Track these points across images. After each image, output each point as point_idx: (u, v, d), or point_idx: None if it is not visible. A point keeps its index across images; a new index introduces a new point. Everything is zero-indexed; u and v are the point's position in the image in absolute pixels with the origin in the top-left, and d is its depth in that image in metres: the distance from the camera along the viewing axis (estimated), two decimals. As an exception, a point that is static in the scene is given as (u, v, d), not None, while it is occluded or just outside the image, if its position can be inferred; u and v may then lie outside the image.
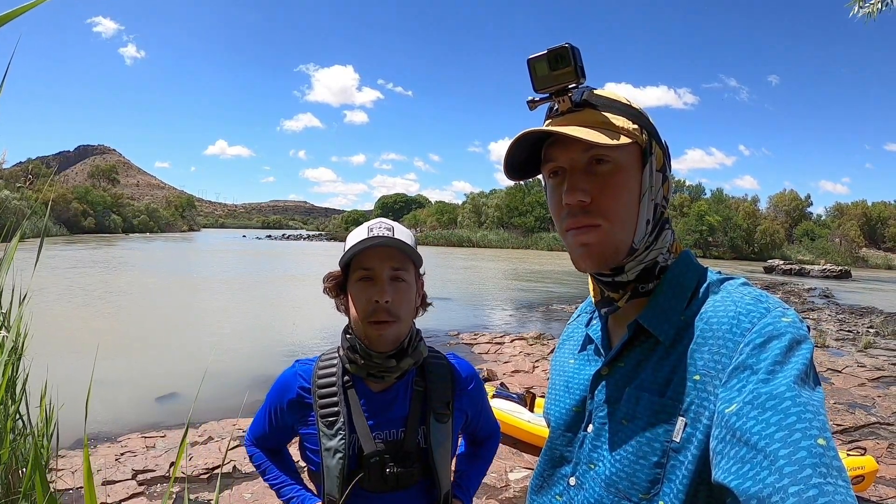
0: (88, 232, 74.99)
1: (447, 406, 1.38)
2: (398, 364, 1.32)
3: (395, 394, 1.36)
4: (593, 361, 0.95)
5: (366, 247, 1.26)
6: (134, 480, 4.52)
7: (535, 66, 0.83)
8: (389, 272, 1.29)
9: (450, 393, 1.40)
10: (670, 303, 0.85)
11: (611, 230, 0.83)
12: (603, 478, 0.84)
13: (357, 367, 1.33)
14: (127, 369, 7.98)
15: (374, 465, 1.28)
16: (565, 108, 0.85)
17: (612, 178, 0.82)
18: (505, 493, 4.46)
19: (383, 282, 1.28)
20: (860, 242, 66.03)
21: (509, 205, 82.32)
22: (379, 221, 1.33)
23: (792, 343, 0.70)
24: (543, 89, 0.84)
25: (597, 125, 0.83)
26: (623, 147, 0.82)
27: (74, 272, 21.30)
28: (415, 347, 1.36)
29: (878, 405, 7.16)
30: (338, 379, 1.35)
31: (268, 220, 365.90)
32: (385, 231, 1.29)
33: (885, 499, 4.49)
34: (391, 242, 1.27)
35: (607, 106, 0.84)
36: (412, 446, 1.32)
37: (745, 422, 0.65)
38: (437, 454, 1.33)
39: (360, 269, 1.30)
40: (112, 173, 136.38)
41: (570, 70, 0.81)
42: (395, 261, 1.30)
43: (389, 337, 1.29)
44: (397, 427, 1.33)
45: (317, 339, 10.71)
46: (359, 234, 1.31)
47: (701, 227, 64.68)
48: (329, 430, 1.31)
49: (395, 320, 1.29)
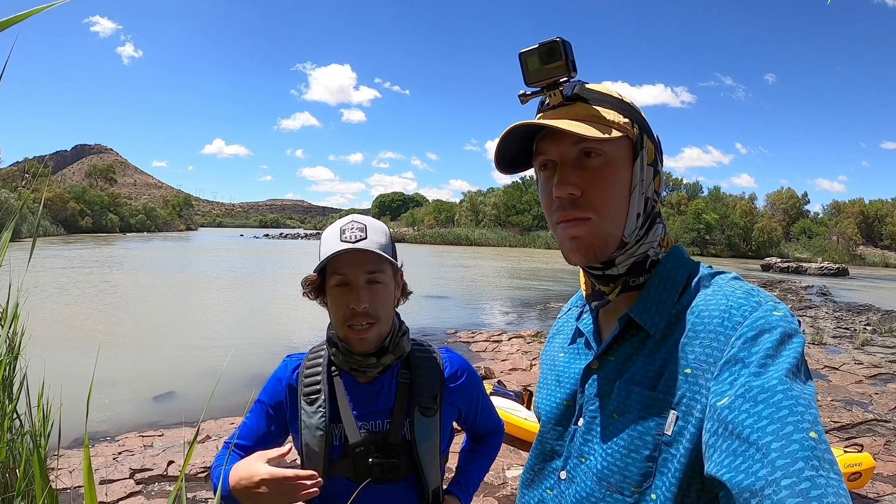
0: (86, 231, 74.84)
1: (434, 400, 1.37)
2: (378, 360, 1.32)
3: (381, 385, 1.35)
4: (583, 355, 0.95)
5: (339, 253, 1.25)
6: (132, 479, 4.51)
7: (526, 60, 0.84)
8: (365, 276, 1.28)
9: (438, 386, 1.39)
10: (661, 296, 0.85)
11: (600, 223, 0.83)
12: (594, 471, 0.84)
13: (340, 363, 1.34)
14: (124, 368, 7.97)
15: (359, 455, 1.28)
16: (556, 101, 0.85)
17: (603, 172, 0.83)
18: (502, 490, 4.47)
19: (359, 288, 1.27)
20: (857, 240, 65.99)
21: (507, 203, 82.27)
22: (351, 221, 1.31)
23: (783, 337, 0.71)
24: (535, 83, 0.85)
25: (588, 119, 0.83)
26: (614, 141, 0.82)
27: (72, 271, 21.26)
28: (396, 343, 1.36)
29: (875, 402, 7.17)
30: (323, 369, 1.36)
31: (265, 219, 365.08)
32: (358, 233, 1.28)
33: (883, 495, 4.50)
34: (364, 247, 1.26)
35: (599, 100, 0.85)
36: (397, 438, 1.31)
37: (737, 415, 0.65)
38: (421, 448, 1.32)
39: (335, 273, 1.29)
40: (109, 173, 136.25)
41: (561, 64, 0.81)
42: (370, 264, 1.28)
43: (371, 339, 1.29)
44: (383, 419, 1.33)
45: (314, 337, 10.69)
46: (331, 236, 1.30)
47: (698, 225, 64.63)
48: (310, 406, 1.31)
49: (374, 322, 1.29)
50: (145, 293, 16.83)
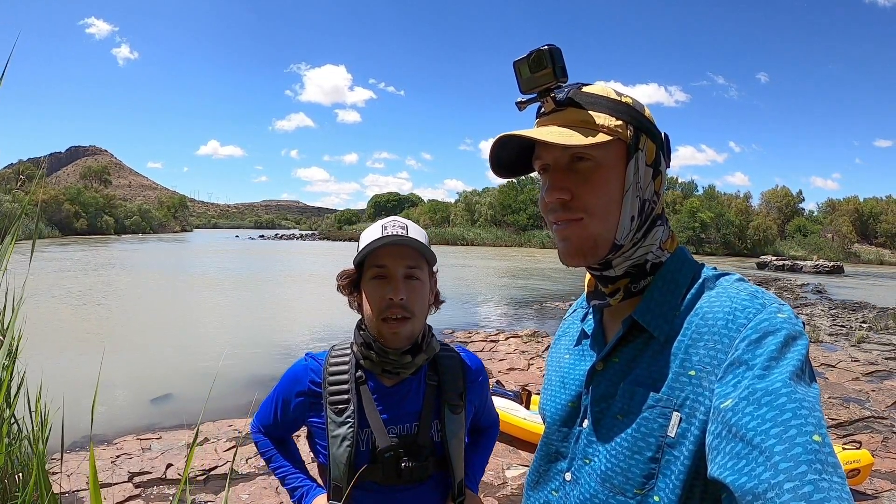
0: (81, 233, 74.45)
1: (460, 398, 1.40)
2: (413, 360, 1.33)
3: (408, 388, 1.37)
4: (588, 357, 0.95)
5: (380, 245, 1.27)
6: (130, 483, 4.49)
7: (519, 68, 0.85)
8: (404, 270, 1.30)
9: (462, 385, 1.42)
10: (665, 298, 0.85)
11: (591, 225, 0.84)
12: (598, 473, 0.84)
13: (371, 364, 1.34)
14: (120, 370, 7.93)
15: (389, 460, 1.29)
16: (550, 108, 0.86)
17: (593, 175, 0.83)
18: (502, 490, 4.47)
19: (397, 280, 1.29)
20: (852, 238, 66.25)
21: (502, 203, 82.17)
22: (393, 220, 1.34)
23: (787, 339, 0.71)
24: (528, 91, 0.86)
25: (576, 124, 0.83)
26: (603, 144, 0.82)
27: (68, 274, 21.17)
28: (428, 343, 1.38)
29: (872, 399, 7.20)
30: (350, 374, 1.35)
31: (261, 219, 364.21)
32: (399, 230, 1.31)
33: (881, 491, 4.52)
34: (405, 241, 1.29)
35: (592, 103, 0.85)
36: (426, 440, 1.33)
37: (740, 417, 0.65)
38: (451, 445, 1.35)
39: (374, 266, 1.31)
40: (104, 174, 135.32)
41: (548, 72, 0.82)
42: (410, 259, 1.31)
43: (404, 334, 1.31)
44: (411, 421, 1.34)
45: (312, 338, 10.69)
46: (373, 232, 1.32)
47: (693, 223, 64.75)
48: (338, 417, 1.31)
49: (409, 317, 1.30)
50: (141, 295, 16.75)
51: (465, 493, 1.42)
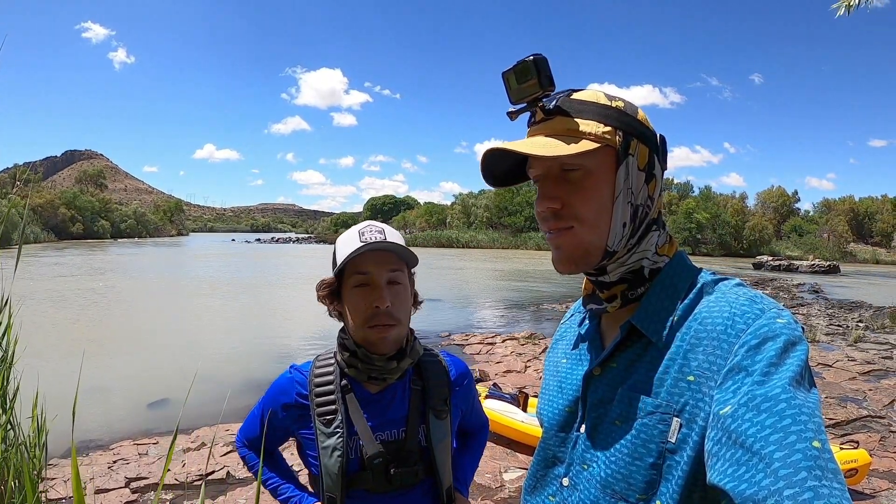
0: (77, 237, 74.27)
1: (445, 403, 1.39)
2: (398, 365, 1.32)
3: (393, 394, 1.36)
4: (586, 361, 0.95)
5: (361, 251, 1.26)
6: (127, 488, 4.47)
7: (507, 79, 0.86)
8: (387, 276, 1.29)
9: (447, 390, 1.41)
10: (663, 303, 0.85)
11: (582, 232, 0.84)
12: (598, 479, 0.84)
13: (357, 371, 1.32)
14: (117, 375, 7.92)
15: (378, 467, 1.29)
16: (539, 117, 0.87)
17: (582, 183, 0.83)
18: (500, 493, 4.46)
19: (381, 287, 1.28)
20: (848, 237, 66.41)
21: (498, 205, 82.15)
22: (369, 225, 1.33)
23: (787, 345, 0.70)
24: (517, 101, 0.86)
25: (563, 133, 0.84)
26: (589, 153, 0.82)
27: (64, 279, 21.12)
28: (412, 347, 1.37)
29: (869, 398, 7.21)
30: (335, 383, 1.34)
31: (257, 223, 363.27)
32: (377, 235, 1.29)
33: (879, 491, 4.53)
34: (386, 246, 1.28)
35: (580, 111, 0.84)
36: (413, 445, 1.32)
37: (739, 424, 0.65)
38: (437, 451, 1.34)
39: (356, 274, 1.29)
40: (99, 178, 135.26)
41: (534, 82, 0.83)
42: (391, 264, 1.30)
43: (391, 340, 1.30)
44: (398, 427, 1.33)
45: (308, 343, 10.67)
46: (350, 239, 1.30)
47: (690, 224, 64.80)
48: (326, 428, 1.30)
49: (395, 324, 1.29)
50: (137, 299, 16.71)
51: (455, 497, 1.41)
